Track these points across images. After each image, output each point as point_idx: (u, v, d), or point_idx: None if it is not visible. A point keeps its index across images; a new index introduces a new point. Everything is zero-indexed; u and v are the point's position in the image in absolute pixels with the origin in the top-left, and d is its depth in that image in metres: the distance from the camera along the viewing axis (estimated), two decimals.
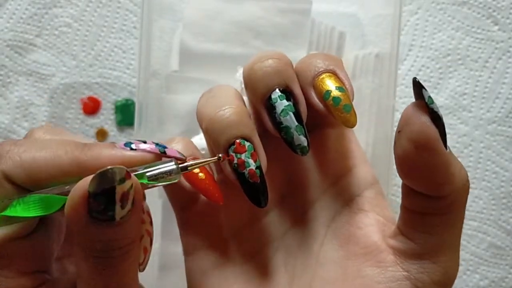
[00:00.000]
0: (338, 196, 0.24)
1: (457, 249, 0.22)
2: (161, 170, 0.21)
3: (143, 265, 0.23)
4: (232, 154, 0.22)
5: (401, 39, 0.49)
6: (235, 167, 0.22)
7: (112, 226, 0.19)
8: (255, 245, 0.24)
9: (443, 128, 0.19)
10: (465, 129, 0.49)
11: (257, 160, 0.22)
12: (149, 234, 0.23)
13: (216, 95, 0.23)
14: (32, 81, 0.49)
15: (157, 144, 0.22)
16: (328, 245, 0.23)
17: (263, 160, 0.22)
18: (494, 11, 0.49)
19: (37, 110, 0.49)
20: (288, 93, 0.22)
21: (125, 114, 0.49)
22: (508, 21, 0.50)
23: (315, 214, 0.24)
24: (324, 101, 0.21)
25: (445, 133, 0.19)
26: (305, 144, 0.21)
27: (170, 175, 0.21)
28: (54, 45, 0.49)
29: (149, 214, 0.23)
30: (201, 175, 0.23)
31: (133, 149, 0.21)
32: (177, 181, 0.21)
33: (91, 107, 0.49)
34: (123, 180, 0.19)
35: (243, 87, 0.23)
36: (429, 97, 0.19)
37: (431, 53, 0.50)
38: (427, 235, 0.21)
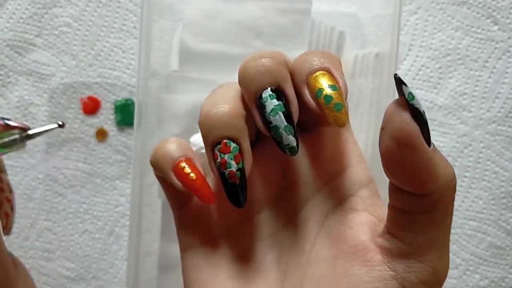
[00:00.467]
0: (331, 195, 0.24)
1: (445, 248, 0.21)
2: (8, 139, 0.25)
3: (7, 229, 0.24)
4: (216, 152, 0.22)
5: (401, 39, 0.49)
6: (218, 165, 0.22)
7: None
8: (249, 242, 0.24)
9: (425, 124, 0.19)
10: (465, 129, 0.49)
11: (240, 162, 0.22)
12: (9, 201, 0.25)
13: (217, 92, 0.23)
14: (32, 81, 0.49)
15: (2, 118, 0.24)
16: (319, 244, 0.23)
17: (247, 163, 0.22)
18: (494, 11, 0.49)
19: (37, 110, 0.49)
20: (279, 92, 0.21)
21: (125, 114, 0.49)
22: (508, 21, 0.50)
23: (308, 212, 0.24)
24: (316, 99, 0.21)
25: (427, 130, 0.19)
26: (294, 144, 0.21)
27: (16, 143, 0.25)
28: (54, 45, 0.49)
29: (7, 183, 0.25)
30: (192, 175, 0.23)
31: None
32: (24, 147, 0.25)
33: (91, 107, 0.49)
34: None
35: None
36: (410, 93, 0.19)
37: (431, 53, 0.50)
38: (413, 233, 0.21)
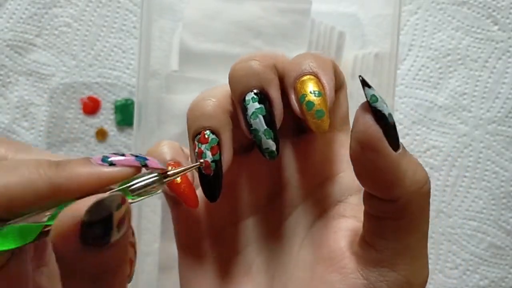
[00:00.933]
0: (320, 200, 0.23)
1: (420, 257, 0.21)
2: (144, 182, 0.20)
3: (130, 276, 0.23)
4: (196, 143, 0.22)
5: (400, 39, 0.49)
6: (196, 156, 0.22)
7: (106, 249, 0.18)
8: (239, 244, 0.24)
9: (390, 127, 0.18)
10: (465, 129, 0.49)
11: (217, 154, 0.21)
12: (133, 245, 0.23)
13: (212, 88, 0.23)
14: (32, 81, 0.49)
15: (137, 156, 0.21)
16: (304, 249, 0.23)
17: (226, 156, 0.22)
18: (494, 11, 0.49)
19: (37, 110, 0.49)
20: (263, 95, 0.21)
21: (125, 114, 0.49)
22: (508, 21, 0.49)
23: (298, 217, 0.24)
24: (299, 104, 0.21)
25: (394, 133, 0.18)
26: (273, 148, 0.21)
27: (153, 187, 0.20)
28: (54, 45, 0.49)
29: (130, 225, 0.22)
30: (177, 179, 0.23)
31: (112, 164, 0.20)
32: (160, 192, 0.21)
33: (91, 107, 0.49)
34: (119, 206, 0.18)
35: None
36: (372, 96, 0.18)
37: (431, 53, 0.50)
38: (385, 240, 0.20)
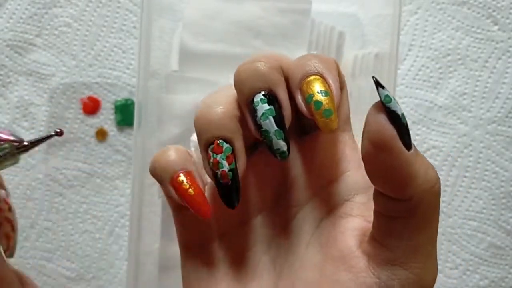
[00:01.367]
0: (327, 199, 0.24)
1: (431, 255, 0.21)
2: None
3: (9, 251, 0.22)
4: (210, 153, 0.22)
5: (400, 39, 0.49)
6: (210, 166, 0.22)
7: None
8: (245, 245, 0.24)
9: (404, 127, 0.18)
10: (465, 129, 0.49)
11: (233, 162, 0.22)
12: (9, 221, 0.23)
13: (213, 94, 0.23)
14: (32, 81, 0.49)
15: None
16: (311, 248, 0.23)
17: (240, 164, 0.22)
18: (494, 11, 0.49)
19: (37, 110, 0.49)
20: (271, 97, 0.21)
21: (125, 114, 0.49)
22: (508, 21, 0.49)
23: (304, 216, 0.24)
24: (307, 104, 0.21)
25: (407, 133, 0.19)
26: (284, 148, 0.21)
27: (7, 158, 0.22)
28: (54, 45, 0.49)
29: (6, 201, 0.23)
30: (190, 190, 0.23)
31: None
32: (17, 163, 0.22)
33: (91, 107, 0.49)
34: None
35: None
36: (386, 96, 0.18)
37: (431, 53, 0.50)
38: (396, 239, 0.20)
